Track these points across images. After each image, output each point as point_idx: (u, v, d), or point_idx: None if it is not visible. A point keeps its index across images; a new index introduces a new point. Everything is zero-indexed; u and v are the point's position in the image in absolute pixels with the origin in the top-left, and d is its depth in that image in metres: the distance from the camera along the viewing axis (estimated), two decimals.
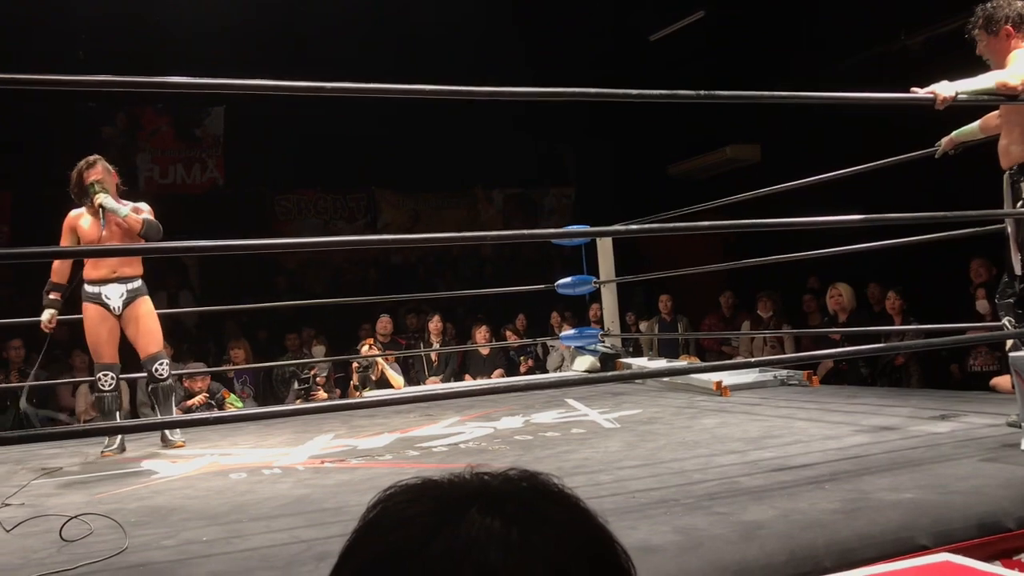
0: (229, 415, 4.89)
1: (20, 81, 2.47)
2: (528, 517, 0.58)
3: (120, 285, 4.60)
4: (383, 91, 2.67)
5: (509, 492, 0.61)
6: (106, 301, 4.57)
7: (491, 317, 9.05)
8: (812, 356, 5.13)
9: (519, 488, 0.62)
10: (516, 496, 0.61)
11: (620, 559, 0.62)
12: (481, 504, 0.59)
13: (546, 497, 0.62)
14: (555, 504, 0.62)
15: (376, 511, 0.62)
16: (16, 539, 2.66)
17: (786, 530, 2.13)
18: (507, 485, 0.62)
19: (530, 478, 0.63)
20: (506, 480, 0.63)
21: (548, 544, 0.57)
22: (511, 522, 0.57)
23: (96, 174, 4.53)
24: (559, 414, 4.82)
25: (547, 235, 4.50)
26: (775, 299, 7.78)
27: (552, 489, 0.63)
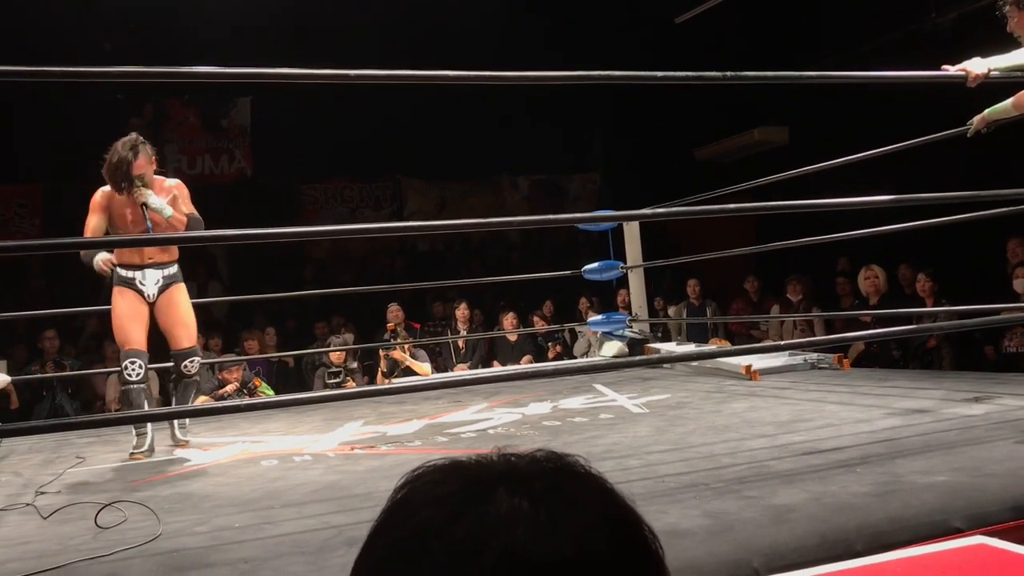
0: (259, 402, 4.93)
1: (50, 74, 2.50)
2: (556, 497, 0.58)
3: (156, 271, 4.29)
4: (407, 78, 2.67)
5: (537, 472, 0.61)
6: (140, 287, 4.26)
7: (518, 304, 9.05)
8: (843, 338, 5.08)
9: (546, 469, 0.62)
10: (544, 476, 0.60)
11: (649, 541, 0.61)
12: (508, 484, 0.58)
13: (574, 478, 0.62)
14: (583, 485, 0.61)
15: (404, 491, 0.61)
16: (53, 526, 2.70)
17: (817, 513, 2.12)
18: (534, 466, 0.62)
19: (557, 459, 0.63)
20: (533, 461, 0.62)
21: (576, 524, 0.57)
22: (539, 502, 0.57)
23: (140, 167, 4.13)
24: (587, 399, 4.81)
25: (574, 220, 4.49)
26: (804, 282, 7.71)
27: (579, 470, 0.63)
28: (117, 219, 4.21)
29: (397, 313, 7.81)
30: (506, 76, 2.72)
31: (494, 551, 0.54)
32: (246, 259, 10.68)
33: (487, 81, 2.69)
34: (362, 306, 9.36)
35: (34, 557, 2.29)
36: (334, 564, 2.03)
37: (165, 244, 4.20)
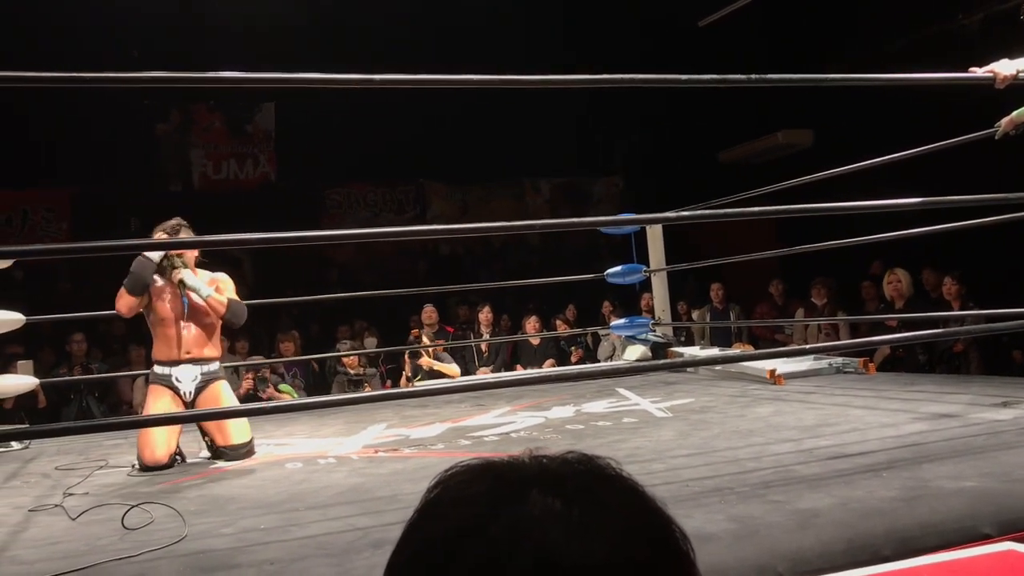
0: (282, 405, 4.95)
1: (78, 80, 2.52)
2: (588, 498, 0.58)
3: (194, 367, 4.06)
4: (432, 82, 2.68)
5: (569, 474, 0.61)
6: (176, 385, 4.04)
7: (540, 307, 9.05)
8: (869, 342, 5.03)
9: (578, 470, 0.62)
10: (576, 478, 0.61)
11: (680, 542, 0.61)
12: (541, 485, 0.59)
13: (605, 480, 0.62)
14: (614, 487, 0.61)
15: (437, 491, 0.62)
16: (81, 527, 2.73)
17: (844, 518, 2.10)
18: (566, 467, 0.62)
19: (588, 461, 0.63)
20: (565, 463, 0.63)
21: (609, 527, 0.57)
22: (571, 502, 0.57)
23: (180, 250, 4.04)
24: (610, 403, 4.80)
25: (596, 223, 4.49)
26: (829, 286, 7.66)
27: (610, 472, 0.63)
28: (157, 302, 4.05)
29: (432, 315, 7.82)
30: (529, 80, 2.72)
31: (528, 552, 0.54)
32: (271, 262, 10.75)
33: (511, 85, 2.69)
34: (385, 310, 9.39)
35: (62, 557, 2.31)
36: (359, 566, 2.03)
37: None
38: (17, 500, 3.24)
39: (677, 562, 0.60)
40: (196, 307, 4.05)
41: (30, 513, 2.99)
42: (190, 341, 4.07)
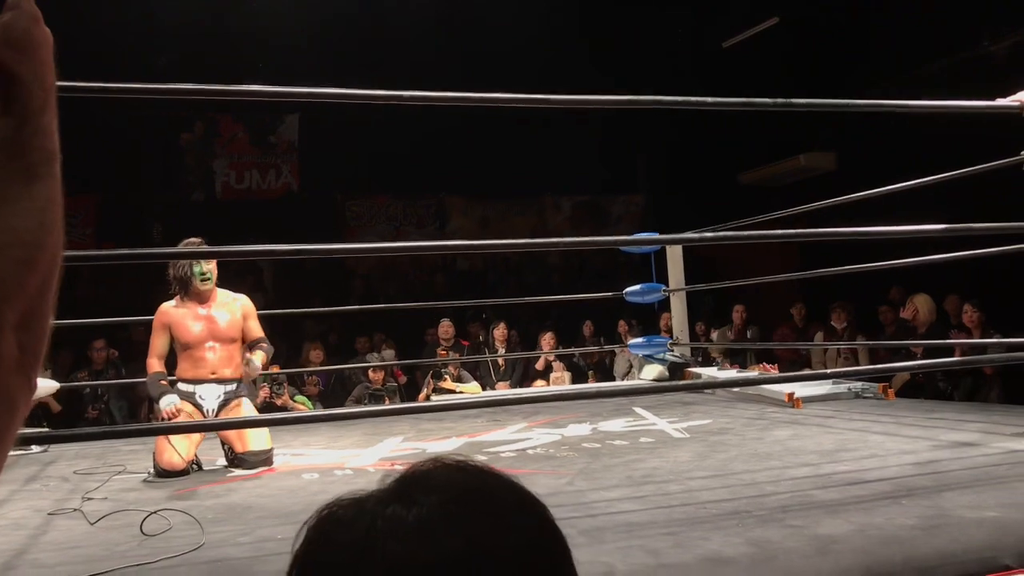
0: (301, 416, 4.98)
1: (108, 90, 2.56)
2: (434, 498, 0.60)
3: (218, 386, 4.15)
4: (458, 99, 2.70)
5: (413, 480, 0.63)
6: (199, 402, 4.12)
7: (558, 325, 9.05)
8: (888, 368, 5.01)
9: (424, 473, 0.63)
10: (420, 482, 0.62)
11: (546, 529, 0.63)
12: (380, 499, 0.61)
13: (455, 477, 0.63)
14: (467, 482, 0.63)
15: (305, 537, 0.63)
16: (99, 532, 2.75)
17: (862, 545, 2.09)
18: (411, 476, 0.63)
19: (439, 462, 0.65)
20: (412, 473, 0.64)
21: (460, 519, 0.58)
22: (412, 505, 0.59)
23: (211, 268, 4.14)
24: (627, 422, 4.79)
25: (617, 242, 4.48)
26: (849, 310, 7.62)
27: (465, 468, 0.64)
28: (180, 331, 4.12)
29: (448, 330, 7.84)
30: (555, 100, 2.74)
31: (376, 561, 0.56)
32: (292, 272, 10.81)
33: (536, 105, 2.71)
34: (403, 322, 9.42)
35: (82, 562, 2.33)
36: None
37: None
38: (37, 503, 3.27)
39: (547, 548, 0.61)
40: (220, 329, 4.15)
41: (49, 517, 3.02)
42: (215, 362, 4.15)
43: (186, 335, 4.12)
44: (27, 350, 0.64)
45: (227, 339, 4.17)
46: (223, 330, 4.17)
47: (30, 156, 0.69)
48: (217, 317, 4.19)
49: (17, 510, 3.16)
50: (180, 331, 4.13)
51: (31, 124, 0.69)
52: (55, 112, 0.73)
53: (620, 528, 2.40)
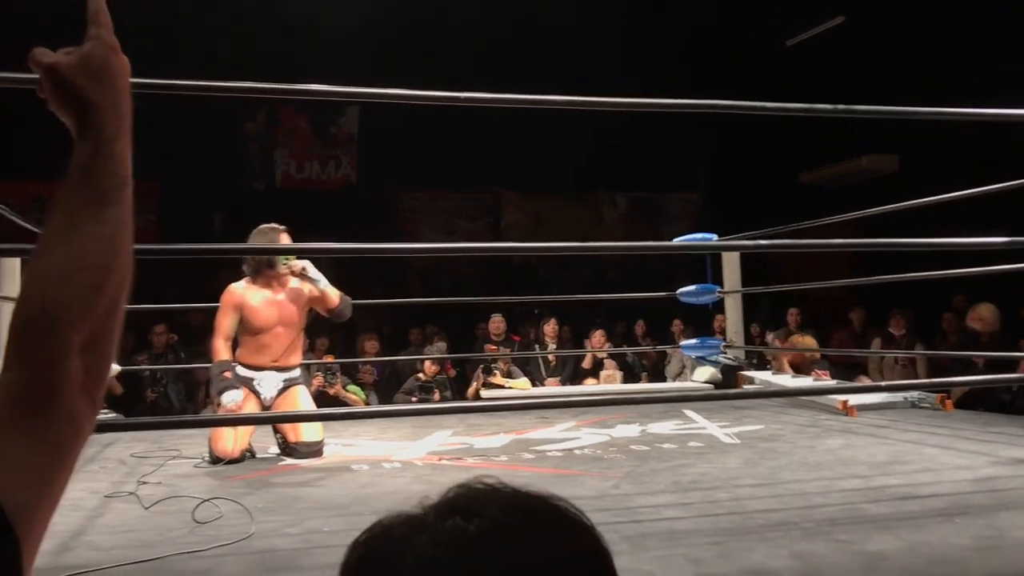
0: (353, 412, 5.04)
1: (174, 87, 2.61)
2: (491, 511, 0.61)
3: (278, 374, 4.17)
4: (516, 101, 2.70)
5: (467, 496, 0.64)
6: (257, 389, 4.14)
7: (609, 322, 9.00)
8: (947, 383, 4.89)
9: (477, 492, 0.64)
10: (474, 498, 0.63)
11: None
12: (440, 513, 0.62)
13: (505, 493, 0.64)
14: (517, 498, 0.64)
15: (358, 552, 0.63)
16: (153, 517, 2.82)
17: (912, 563, 2.06)
18: (465, 492, 0.64)
19: (483, 483, 0.65)
20: (463, 489, 0.65)
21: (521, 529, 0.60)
22: (472, 518, 0.60)
23: (289, 238, 4.12)
24: (677, 425, 4.76)
25: (669, 247, 4.45)
26: (908, 317, 7.46)
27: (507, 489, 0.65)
28: (252, 315, 4.10)
29: (499, 325, 7.87)
30: (615, 102, 2.72)
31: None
32: (348, 262, 10.89)
33: (595, 107, 2.70)
34: (456, 315, 9.46)
35: (136, 546, 2.39)
36: None
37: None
38: (94, 485, 3.36)
39: (599, 566, 0.62)
40: (290, 315, 4.14)
41: (106, 499, 3.10)
42: (278, 349, 4.16)
43: (257, 319, 4.10)
44: (92, 372, 0.67)
45: (294, 326, 4.19)
46: (291, 317, 4.17)
47: (103, 181, 0.71)
48: (287, 303, 4.18)
49: (75, 491, 3.24)
50: (252, 314, 4.11)
51: (105, 150, 0.72)
52: (129, 138, 0.75)
53: (663, 535, 2.39)
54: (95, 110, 0.72)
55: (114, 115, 0.73)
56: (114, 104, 0.74)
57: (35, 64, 0.73)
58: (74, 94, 0.72)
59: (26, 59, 0.73)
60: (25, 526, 0.57)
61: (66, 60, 0.73)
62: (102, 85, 0.73)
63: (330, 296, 4.16)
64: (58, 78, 0.72)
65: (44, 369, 0.63)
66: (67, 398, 0.64)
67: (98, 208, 0.70)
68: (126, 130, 0.75)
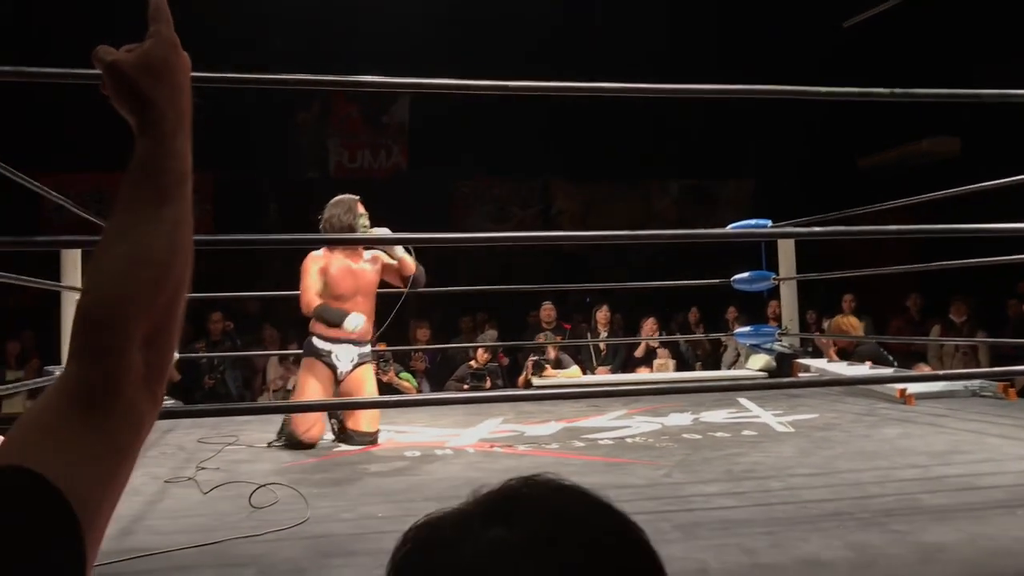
0: (407, 399, 5.08)
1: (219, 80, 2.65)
2: (535, 520, 0.59)
3: (354, 347, 4.12)
4: (563, 89, 2.69)
5: (514, 500, 0.62)
6: (335, 363, 4.10)
7: (662, 310, 8.95)
8: (1007, 372, 4.77)
9: (524, 494, 0.62)
10: (521, 502, 0.61)
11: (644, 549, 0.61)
12: (483, 519, 0.60)
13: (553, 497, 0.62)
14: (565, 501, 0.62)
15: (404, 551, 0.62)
16: (211, 501, 2.88)
17: (971, 556, 2.02)
18: (511, 495, 0.62)
19: (532, 481, 0.63)
20: (509, 491, 0.63)
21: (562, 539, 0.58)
22: (514, 527, 0.58)
23: (363, 207, 4.15)
24: (730, 413, 4.72)
25: (722, 235, 4.40)
26: (969, 303, 7.29)
27: (557, 486, 0.63)
28: (334, 280, 4.09)
29: (550, 313, 7.88)
30: (666, 88, 2.71)
31: None
32: None
33: (640, 94, 2.68)
34: (506, 302, 9.48)
35: (194, 531, 2.45)
36: None
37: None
38: (155, 471, 3.44)
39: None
40: (368, 284, 4.13)
41: (165, 484, 3.18)
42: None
43: (339, 285, 4.07)
44: (153, 366, 0.68)
45: (372, 295, 4.17)
46: (370, 286, 4.17)
47: (163, 178, 0.72)
48: (364, 271, 4.17)
49: (135, 476, 3.30)
50: (334, 280, 4.07)
51: (164, 147, 0.73)
52: (189, 135, 0.76)
53: (716, 524, 2.37)
54: (155, 107, 0.73)
55: (174, 112, 0.74)
56: (174, 101, 0.74)
57: (97, 61, 0.74)
58: (134, 91, 0.73)
59: (91, 56, 0.75)
60: (88, 520, 0.57)
61: (127, 58, 0.74)
62: (162, 82, 0.74)
63: (408, 262, 4.16)
64: (119, 75, 0.73)
65: (106, 363, 0.64)
66: (128, 392, 0.65)
67: (158, 204, 0.71)
68: (186, 127, 0.76)
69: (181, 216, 0.73)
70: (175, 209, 0.72)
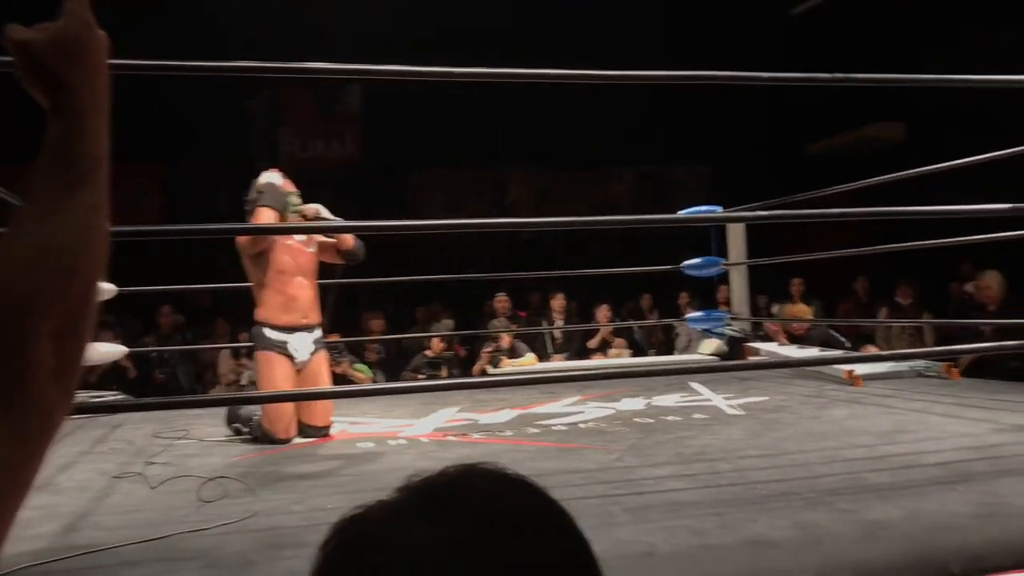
0: (361, 389, 5.06)
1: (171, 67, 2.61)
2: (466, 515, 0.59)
3: (308, 334, 3.96)
4: (508, 75, 2.68)
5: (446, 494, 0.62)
6: (293, 353, 3.92)
7: (617, 297, 9.00)
8: (952, 351, 4.88)
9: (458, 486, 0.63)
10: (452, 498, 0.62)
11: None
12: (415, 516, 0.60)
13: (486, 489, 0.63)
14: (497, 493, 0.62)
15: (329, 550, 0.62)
16: (160, 496, 2.84)
17: (912, 532, 2.06)
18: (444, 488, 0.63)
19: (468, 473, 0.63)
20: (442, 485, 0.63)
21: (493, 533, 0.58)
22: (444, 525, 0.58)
23: (289, 185, 3.97)
24: (682, 397, 4.77)
25: (670, 220, 4.43)
26: (915, 286, 7.43)
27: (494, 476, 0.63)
28: (278, 257, 3.90)
29: (505, 303, 7.87)
30: (611, 75, 2.70)
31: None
32: None
33: (587, 81, 2.68)
34: (461, 292, 9.47)
35: (141, 526, 2.41)
36: None
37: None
38: (102, 466, 3.38)
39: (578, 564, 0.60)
40: (308, 262, 3.97)
41: (113, 480, 3.13)
42: (306, 303, 3.95)
43: (282, 260, 3.89)
44: (65, 359, 0.64)
45: (313, 274, 4.00)
46: (310, 264, 4.01)
47: (76, 162, 0.69)
48: (302, 250, 4.01)
49: (83, 472, 3.28)
50: (275, 255, 3.89)
51: (78, 130, 0.69)
52: (106, 118, 0.72)
53: (666, 507, 2.40)
54: (68, 88, 0.70)
55: (88, 93, 0.71)
56: (88, 82, 0.72)
57: (7, 41, 0.71)
58: (46, 72, 0.70)
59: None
60: None
61: (38, 36, 0.71)
62: (75, 63, 0.71)
63: (346, 238, 4.01)
64: (29, 56, 0.70)
65: (9, 358, 0.61)
66: (36, 388, 0.61)
67: (70, 190, 0.68)
68: (101, 109, 0.73)
69: (96, 202, 0.69)
70: (89, 195, 0.69)
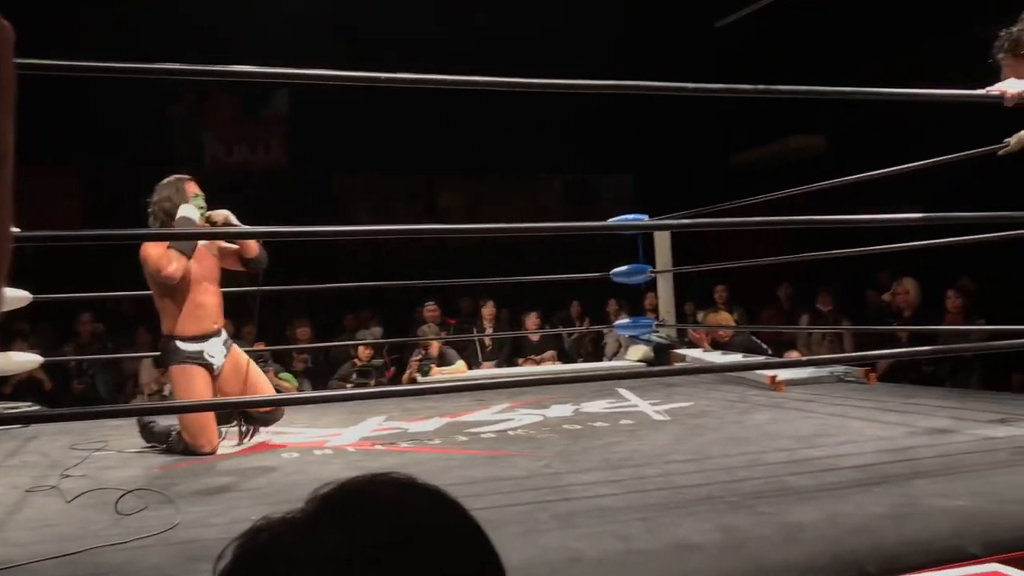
0: (288, 398, 4.97)
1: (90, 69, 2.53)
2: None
3: (218, 339, 3.87)
4: (436, 82, 2.68)
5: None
6: (210, 360, 3.81)
7: (546, 304, 9.05)
8: (869, 356, 5.03)
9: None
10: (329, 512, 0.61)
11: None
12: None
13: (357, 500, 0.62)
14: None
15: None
16: (75, 510, 2.75)
17: (831, 533, 2.11)
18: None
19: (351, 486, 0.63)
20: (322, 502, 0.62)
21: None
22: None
23: (194, 187, 3.87)
24: (609, 404, 4.81)
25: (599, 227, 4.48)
26: (835, 293, 7.64)
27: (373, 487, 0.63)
28: (193, 269, 3.78)
29: (434, 312, 7.84)
30: (537, 84, 2.70)
31: None
32: (277, 246, 10.73)
33: (515, 88, 2.68)
34: (391, 300, 9.41)
35: (55, 540, 2.33)
36: None
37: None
38: (15, 480, 3.27)
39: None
40: (211, 267, 3.87)
41: (26, 494, 3.02)
42: (214, 309, 3.87)
43: (196, 270, 3.79)
44: None
45: (215, 281, 3.91)
46: (213, 269, 3.91)
47: None
48: (206, 255, 3.89)
49: None
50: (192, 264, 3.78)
51: None
52: (10, 111, 0.70)
53: (593, 512, 2.41)
54: None
55: None
56: None
57: None
58: None
59: None
60: None
61: None
62: None
63: (251, 245, 3.91)
64: None
65: None
66: None
67: None
68: (5, 102, 0.70)
69: None
70: None
